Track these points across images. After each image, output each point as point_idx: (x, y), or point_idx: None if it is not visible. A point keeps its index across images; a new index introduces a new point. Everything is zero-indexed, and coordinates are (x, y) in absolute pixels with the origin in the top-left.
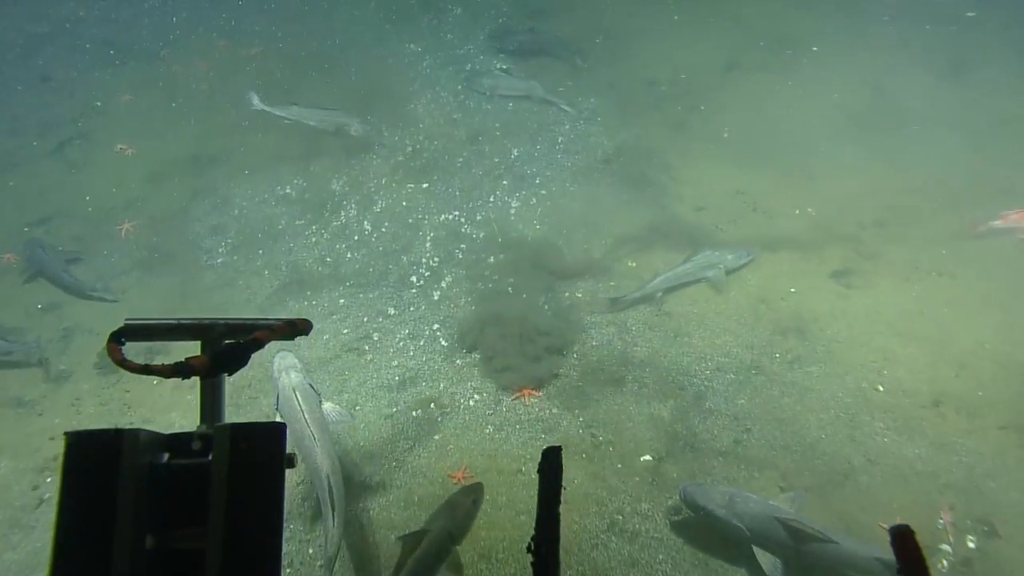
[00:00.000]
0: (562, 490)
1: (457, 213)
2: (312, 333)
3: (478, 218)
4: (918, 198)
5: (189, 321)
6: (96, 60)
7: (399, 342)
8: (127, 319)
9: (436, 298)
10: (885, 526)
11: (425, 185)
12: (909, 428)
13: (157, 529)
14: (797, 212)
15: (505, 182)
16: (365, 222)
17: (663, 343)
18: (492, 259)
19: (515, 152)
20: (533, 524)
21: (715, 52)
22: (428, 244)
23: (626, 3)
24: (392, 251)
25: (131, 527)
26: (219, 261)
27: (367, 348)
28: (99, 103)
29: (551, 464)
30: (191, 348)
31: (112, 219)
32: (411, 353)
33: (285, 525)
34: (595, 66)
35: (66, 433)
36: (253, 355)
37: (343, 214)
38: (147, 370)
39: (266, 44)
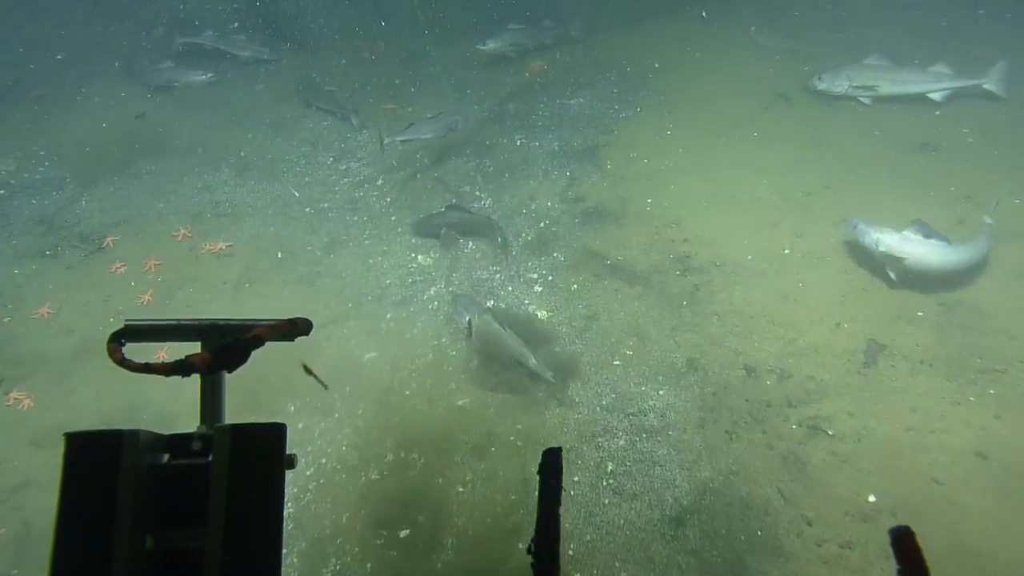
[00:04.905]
0: (562, 491)
1: None
2: None
3: None
4: None
5: (189, 322)
6: (21, 248)
7: None
8: (127, 320)
9: None
10: None
11: (404, 533)
12: None
13: (157, 529)
14: None
15: (522, 545)
16: None
17: None
18: None
19: None
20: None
21: (845, 322)
22: None
23: (710, 220)
24: None
25: (131, 527)
26: None
27: None
28: (9, 318)
29: (551, 464)
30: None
31: None
32: None
33: None
34: (675, 322)
35: (66, 434)
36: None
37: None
38: (147, 369)
39: (236, 236)
